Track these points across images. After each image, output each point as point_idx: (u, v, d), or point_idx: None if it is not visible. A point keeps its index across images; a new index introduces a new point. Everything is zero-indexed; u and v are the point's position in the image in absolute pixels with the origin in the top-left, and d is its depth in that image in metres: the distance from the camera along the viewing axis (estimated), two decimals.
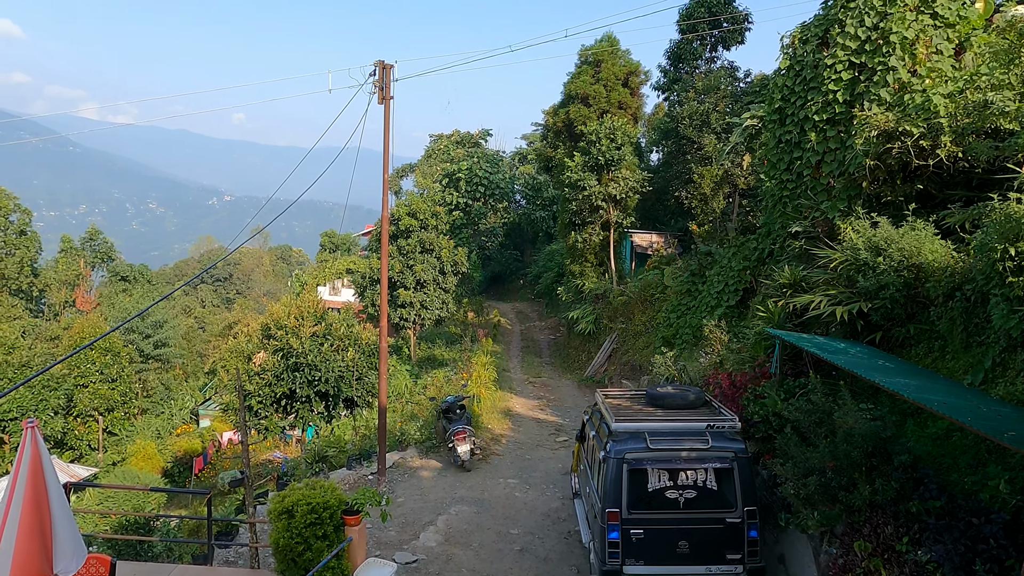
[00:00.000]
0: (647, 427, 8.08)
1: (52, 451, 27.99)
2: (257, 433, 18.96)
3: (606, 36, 30.93)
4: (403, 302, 28.23)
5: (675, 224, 32.27)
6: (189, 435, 32.37)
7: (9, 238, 45.28)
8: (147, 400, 38.14)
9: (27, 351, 30.49)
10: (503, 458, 15.05)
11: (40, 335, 40.60)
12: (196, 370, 48.57)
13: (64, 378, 29.45)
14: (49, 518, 5.85)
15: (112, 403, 31.72)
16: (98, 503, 20.06)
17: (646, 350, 21.84)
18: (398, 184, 59.44)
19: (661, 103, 39.95)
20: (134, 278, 54.63)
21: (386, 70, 12.95)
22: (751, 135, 20.57)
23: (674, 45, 31.87)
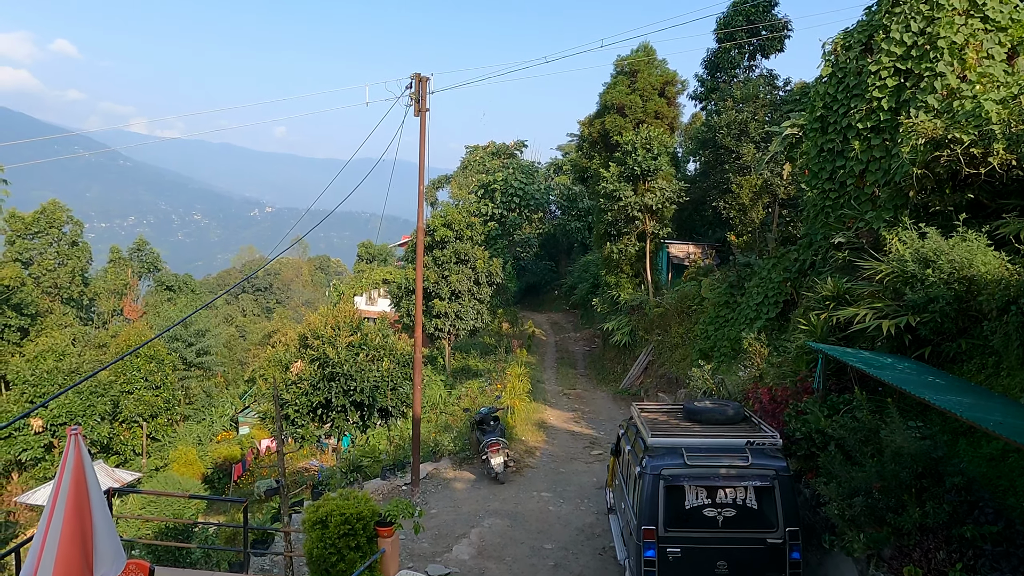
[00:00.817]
0: (684, 442, 7.90)
1: (98, 456, 28.86)
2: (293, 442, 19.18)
3: (642, 46, 30.74)
4: (438, 312, 28.35)
5: (712, 235, 31.78)
6: (229, 442, 32.94)
7: (62, 248, 46.97)
8: (189, 407, 39.02)
9: (76, 358, 31.49)
10: (537, 471, 14.91)
11: (89, 343, 41.95)
12: (236, 378, 49.56)
13: (111, 385, 30.32)
14: (90, 524, 5.95)
15: (156, 409, 32.54)
16: (140, 508, 20.51)
17: (683, 363, 21.48)
18: (434, 195, 59.96)
19: (698, 112, 39.56)
20: (179, 288, 56.11)
21: (422, 83, 13.07)
22: (791, 144, 20.16)
23: (711, 54, 31.53)
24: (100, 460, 26.94)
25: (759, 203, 25.86)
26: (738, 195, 26.15)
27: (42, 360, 29.38)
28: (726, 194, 27.69)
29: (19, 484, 28.79)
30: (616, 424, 19.77)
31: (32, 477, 28.65)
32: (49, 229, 46.10)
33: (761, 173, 24.28)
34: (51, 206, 47.16)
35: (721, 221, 29.59)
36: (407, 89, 13.09)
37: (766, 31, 29.57)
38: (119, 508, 19.79)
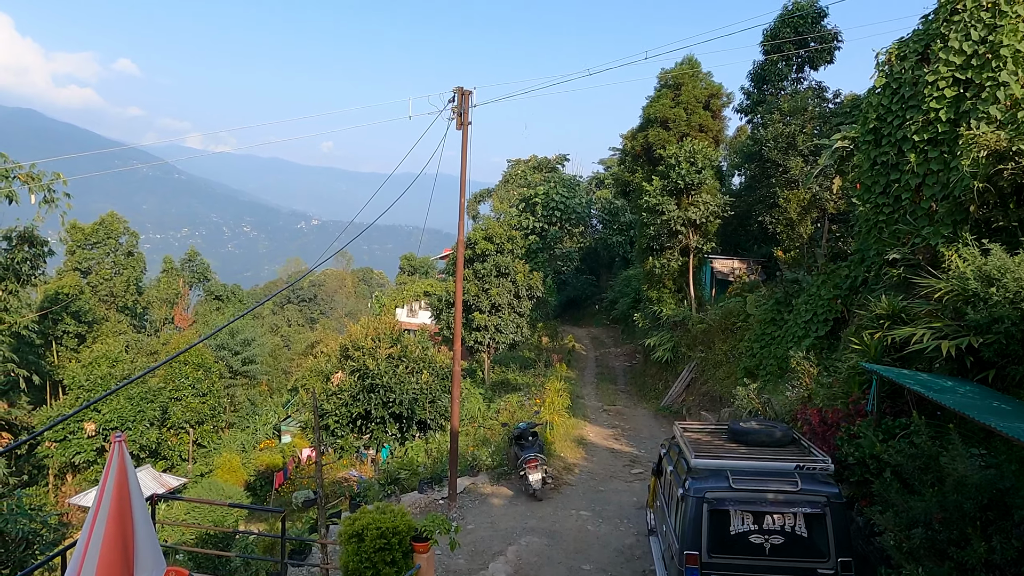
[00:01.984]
0: (730, 465, 7.61)
1: (146, 460, 29.64)
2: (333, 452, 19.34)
3: (687, 59, 30.44)
4: (478, 325, 28.35)
5: (758, 250, 31.09)
6: (271, 450, 33.49)
7: (119, 258, 48.80)
8: (234, 414, 39.87)
9: (129, 364, 32.51)
10: (575, 488, 14.66)
11: (141, 350, 43.35)
12: (280, 386, 50.47)
13: (160, 391, 31.17)
14: (132, 530, 6.03)
15: (202, 416, 33.33)
16: (184, 513, 20.94)
17: (727, 381, 20.95)
18: (475, 209, 60.32)
19: (743, 125, 38.91)
20: (227, 297, 57.61)
21: (464, 96, 13.12)
22: (842, 157, 19.58)
23: (758, 66, 31.01)
24: (148, 465, 27.68)
25: (807, 218, 25.15)
26: (785, 209, 25.49)
27: (96, 366, 30.40)
28: (772, 208, 27.05)
29: (72, 485, 29.76)
30: (657, 442, 19.34)
31: (84, 479, 29.58)
32: (107, 240, 47.98)
33: (810, 187, 23.64)
34: (109, 217, 49.12)
35: (767, 236, 28.92)
36: (450, 103, 13.15)
37: (815, 43, 28.95)
38: (164, 513, 20.23)
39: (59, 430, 28.94)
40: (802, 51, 29.52)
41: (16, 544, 8.48)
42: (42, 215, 26.44)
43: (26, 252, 27.24)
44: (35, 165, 25.43)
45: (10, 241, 26.83)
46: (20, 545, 8.52)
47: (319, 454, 9.19)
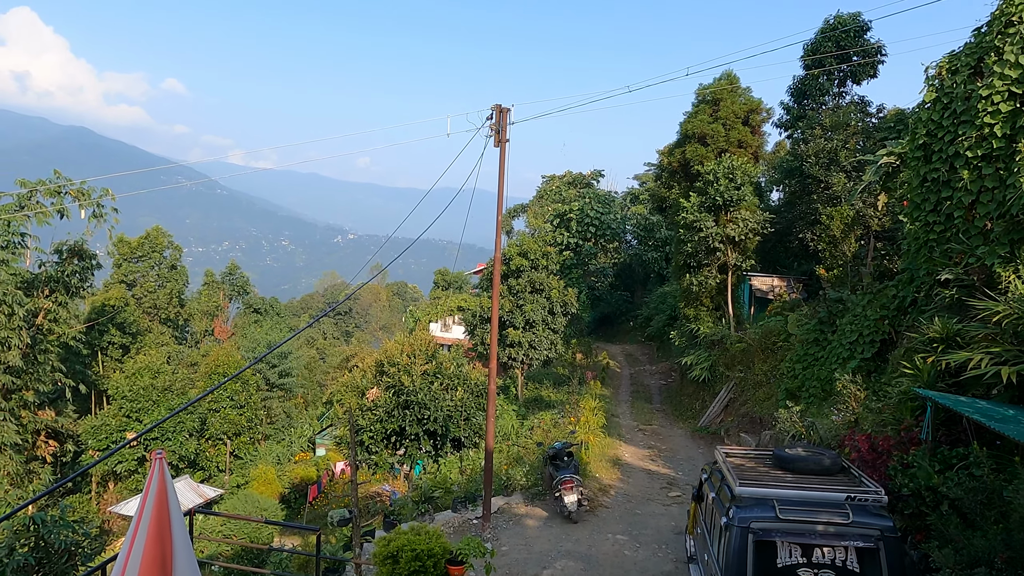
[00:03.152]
0: (776, 494, 7.31)
1: (185, 470, 30.10)
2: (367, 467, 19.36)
3: (725, 74, 30.12)
4: (512, 341, 28.24)
5: (798, 267, 30.40)
6: (306, 463, 33.76)
7: (162, 272, 50.12)
8: (270, 427, 40.37)
9: (170, 376, 33.22)
10: (611, 511, 14.36)
11: (182, 361, 44.30)
12: (316, 399, 51.01)
13: (199, 403, 31.72)
14: (171, 548, 6.03)
15: (239, 428, 33.81)
16: (221, 524, 21.16)
17: (767, 402, 20.41)
18: (510, 224, 60.46)
19: (783, 141, 38.30)
20: (265, 310, 58.66)
21: (503, 113, 13.12)
22: (887, 173, 19.07)
23: (798, 81, 30.54)
24: (187, 475, 28.10)
25: (851, 235, 24.52)
26: (827, 226, 24.89)
27: (139, 377, 31.11)
28: (814, 225, 26.47)
29: (114, 493, 30.41)
30: (695, 464, 18.91)
31: (126, 488, 30.19)
32: (152, 253, 49.35)
33: (853, 204, 23.07)
34: (154, 232, 50.56)
35: (808, 253, 28.28)
36: (488, 120, 13.17)
37: (858, 56, 28.40)
38: (202, 524, 20.46)
39: (102, 439, 29.64)
40: (844, 65, 28.98)
41: (59, 555, 8.61)
42: (91, 229, 27.40)
43: (75, 265, 28.19)
44: (85, 182, 26.35)
45: (61, 254, 27.80)
46: (62, 556, 8.65)
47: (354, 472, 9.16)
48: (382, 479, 24.55)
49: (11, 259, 24.13)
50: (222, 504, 26.21)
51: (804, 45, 29.56)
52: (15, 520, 8.63)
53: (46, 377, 26.38)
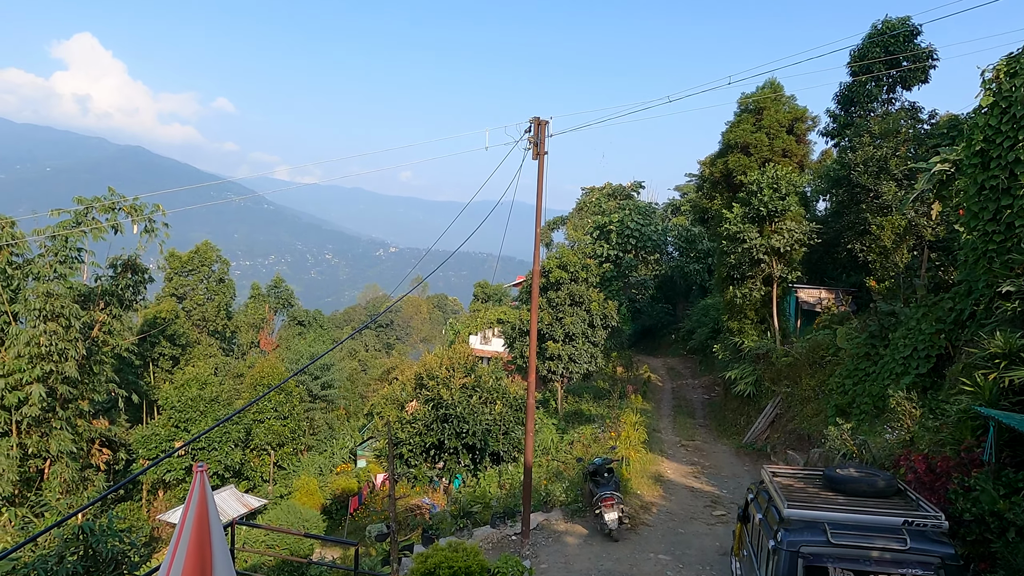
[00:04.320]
0: (827, 516, 6.99)
1: (230, 480, 30.66)
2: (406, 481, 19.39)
3: (768, 82, 29.51)
4: (551, 355, 28.04)
5: (847, 279, 29.47)
6: (347, 474, 34.05)
7: (211, 285, 51.55)
8: (313, 438, 40.90)
9: (217, 386, 33.99)
10: (653, 529, 14.02)
11: (229, 372, 45.35)
12: (357, 411, 51.57)
13: (244, 413, 32.35)
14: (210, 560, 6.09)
15: (283, 439, 34.34)
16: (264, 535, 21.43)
17: (815, 418, 19.75)
18: (549, 236, 60.35)
19: (829, 149, 37.32)
20: (309, 323, 59.70)
21: (541, 126, 13.08)
22: (941, 181, 18.31)
23: (845, 88, 29.75)
24: (231, 485, 28.62)
25: (903, 245, 23.68)
26: (878, 236, 24.10)
27: (187, 388, 31.91)
28: (863, 235, 25.65)
29: (164, 501, 31.16)
30: (739, 481, 18.38)
31: (174, 496, 30.92)
32: (201, 267, 50.82)
33: (905, 213, 22.28)
34: (204, 246, 52.10)
35: (857, 265, 27.40)
36: (526, 133, 13.15)
37: (907, 61, 27.53)
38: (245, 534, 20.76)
39: (151, 448, 30.45)
40: (893, 71, 28.11)
41: (106, 564, 8.79)
42: (143, 244, 28.32)
43: (129, 279, 29.16)
44: (138, 198, 27.29)
45: (115, 269, 28.79)
46: (110, 565, 8.82)
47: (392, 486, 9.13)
48: (421, 492, 24.59)
49: (69, 273, 25.06)
50: (266, 514, 26.60)
51: (851, 51, 28.82)
52: (65, 528, 8.85)
53: (100, 387, 27.25)
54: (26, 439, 23.08)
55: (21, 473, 22.60)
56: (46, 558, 8.43)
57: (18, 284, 23.67)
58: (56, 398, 23.64)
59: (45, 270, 24.27)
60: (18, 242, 23.77)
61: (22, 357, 22.13)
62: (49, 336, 22.26)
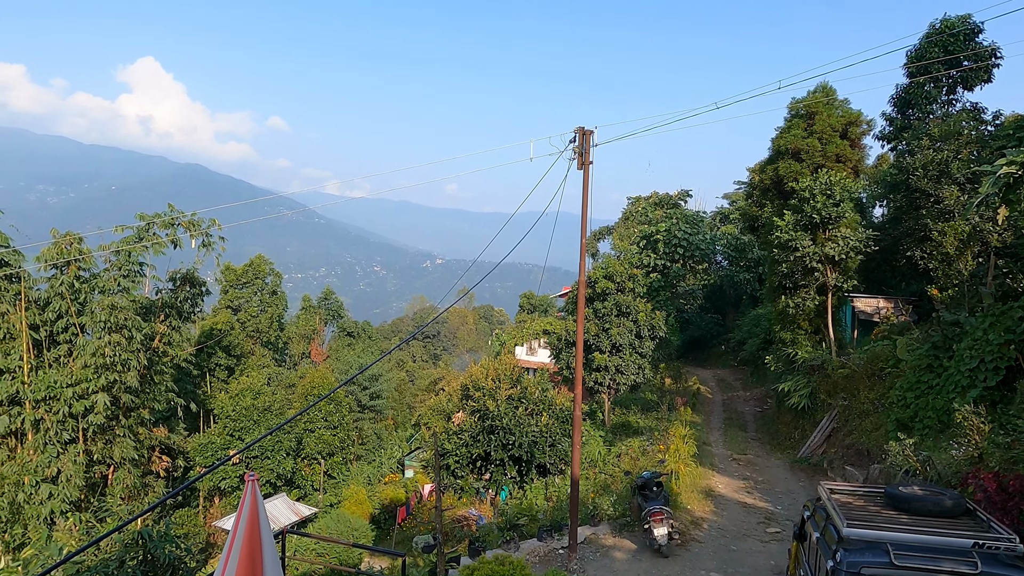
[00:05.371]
0: (890, 536, 6.68)
1: (282, 488, 31.29)
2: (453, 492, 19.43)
3: (820, 86, 28.73)
4: (598, 366, 27.78)
5: (906, 288, 28.35)
6: (395, 484, 34.36)
7: (264, 297, 53.02)
8: (362, 447, 41.48)
9: (270, 396, 34.84)
10: (704, 546, 13.66)
11: (281, 382, 46.44)
12: (405, 421, 52.07)
13: (295, 423, 33.04)
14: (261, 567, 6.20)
15: (333, 448, 34.92)
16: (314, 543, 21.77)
17: (875, 433, 18.99)
18: (595, 246, 60.03)
19: (885, 153, 36.12)
20: (358, 334, 60.74)
21: (586, 136, 13.03)
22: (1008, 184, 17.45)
23: (901, 90, 28.77)
24: (283, 493, 29.23)
25: (967, 252, 22.66)
26: (940, 243, 23.13)
27: (241, 398, 32.79)
28: (924, 242, 24.66)
29: (219, 508, 32.01)
30: (794, 497, 17.78)
31: (229, 503, 31.74)
32: (255, 280, 52.35)
33: (969, 218, 21.32)
34: (258, 259, 53.69)
35: (917, 272, 26.34)
36: (571, 143, 13.11)
37: (969, 61, 26.45)
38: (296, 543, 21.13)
39: (208, 456, 31.35)
40: (954, 71, 27.04)
41: (164, 569, 9.05)
42: (201, 258, 29.32)
43: (187, 292, 30.22)
44: (196, 214, 28.30)
45: (175, 282, 29.88)
46: (167, 570, 9.08)
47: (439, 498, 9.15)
48: (468, 503, 24.61)
49: (131, 287, 26.13)
50: (316, 523, 27.05)
51: (907, 52, 27.88)
52: (126, 534, 9.15)
53: (161, 396, 28.25)
54: (91, 446, 24.06)
55: (87, 478, 23.52)
56: (107, 562, 8.73)
57: (85, 297, 24.77)
58: (119, 407, 24.59)
59: (110, 284, 25.36)
60: (85, 257, 24.90)
61: (88, 367, 23.10)
62: (113, 347, 23.19)
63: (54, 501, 21.59)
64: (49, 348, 24.23)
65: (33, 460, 22.25)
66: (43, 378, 22.89)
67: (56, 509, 21.45)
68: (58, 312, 23.76)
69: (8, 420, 22.21)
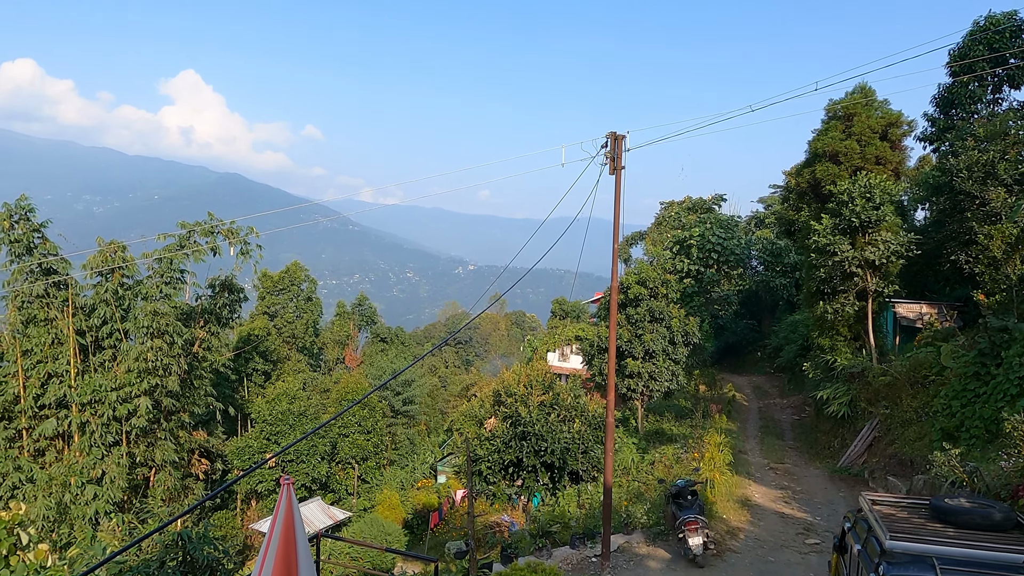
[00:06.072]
0: (936, 550, 6.45)
1: (317, 492, 31.65)
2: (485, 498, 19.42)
3: (858, 87, 28.11)
4: (631, 372, 27.53)
5: (951, 292, 27.49)
6: (428, 489, 34.53)
7: (299, 303, 53.88)
8: (395, 452, 41.78)
9: (305, 401, 35.35)
10: (740, 556, 13.40)
11: (316, 387, 47.10)
12: (437, 426, 52.33)
13: (329, 428, 33.44)
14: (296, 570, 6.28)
15: (366, 453, 35.24)
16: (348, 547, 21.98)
17: (918, 443, 18.41)
18: (627, 252, 59.63)
19: (927, 155, 35.17)
20: (391, 340, 61.30)
21: (618, 141, 12.96)
22: None
23: (944, 89, 28.01)
24: (318, 497, 29.58)
25: (1015, 256, 21.87)
26: (986, 247, 22.35)
27: (278, 402, 33.33)
28: (969, 246, 23.89)
29: (256, 510, 32.55)
30: (834, 508, 17.34)
31: (265, 506, 32.25)
32: (291, 286, 53.26)
33: (1017, 220, 20.60)
34: (294, 266, 54.62)
35: (962, 277, 25.51)
36: (602, 148, 13.06)
37: (1016, 59, 25.63)
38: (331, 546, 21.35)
39: (245, 459, 31.91)
40: (999, 69, 26.23)
41: (202, 570, 9.22)
42: (239, 265, 29.95)
43: (226, 298, 30.89)
44: (234, 222, 28.94)
45: (214, 288, 30.58)
46: (205, 572, 9.25)
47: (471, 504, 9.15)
48: (500, 509, 24.58)
49: (173, 293, 26.83)
50: (350, 527, 27.30)
51: (950, 51, 27.15)
52: (166, 535, 9.36)
53: (200, 400, 28.90)
54: (134, 448, 24.71)
55: (129, 480, 24.15)
56: (149, 562, 8.93)
57: (129, 303, 25.51)
58: (161, 410, 25.21)
59: (152, 290, 26.07)
60: (128, 265, 25.65)
61: (132, 371, 23.76)
62: (155, 352, 23.81)
63: (99, 502, 22.22)
64: (94, 353, 24.99)
65: (79, 462, 22.93)
66: (89, 382, 23.60)
67: (100, 510, 22.06)
68: (103, 318, 24.50)
69: (56, 423, 22.95)
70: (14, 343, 23.27)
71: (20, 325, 23.28)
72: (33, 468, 22.76)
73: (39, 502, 21.43)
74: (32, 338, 23.46)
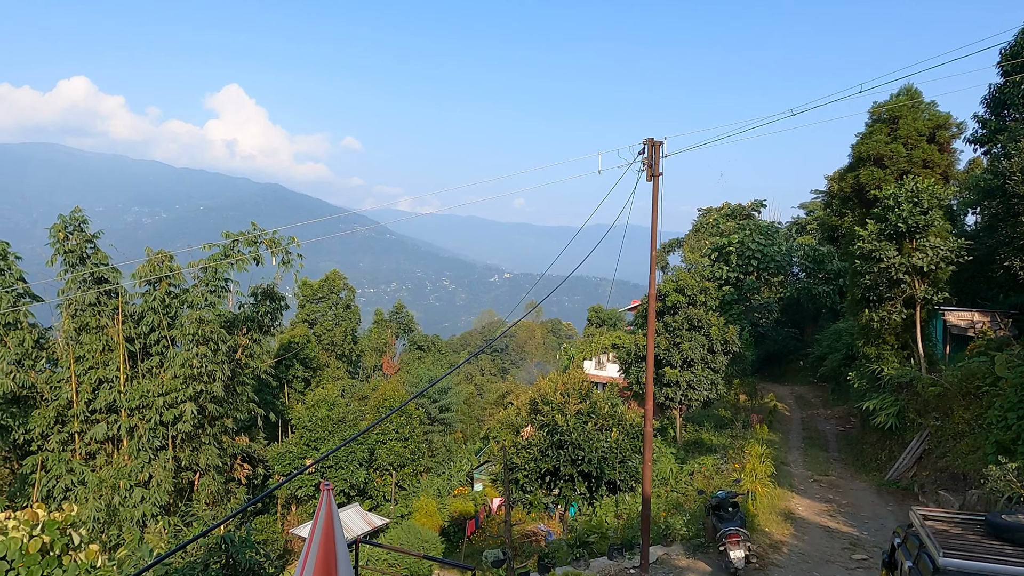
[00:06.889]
0: (992, 568, 6.20)
1: (355, 498, 31.98)
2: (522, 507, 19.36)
3: (904, 89, 27.37)
4: (669, 381, 27.18)
5: (1004, 300, 26.48)
6: (464, 497, 34.58)
7: (338, 311, 54.71)
8: (431, 459, 41.98)
9: (343, 408, 35.80)
10: (784, 571, 13.06)
11: (354, 394, 47.70)
12: (473, 434, 52.43)
13: (368, 435, 33.79)
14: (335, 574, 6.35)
15: (404, 460, 35.50)
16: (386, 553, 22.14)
17: (971, 456, 17.72)
18: (665, 259, 59.03)
19: (978, 158, 34.02)
20: (428, 347, 61.77)
21: (655, 147, 12.86)
22: None
23: (995, 89, 27.11)
24: (356, 503, 29.89)
25: None
26: None
27: (317, 409, 33.84)
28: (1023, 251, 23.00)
29: (296, 515, 33.05)
30: (883, 523, 16.78)
31: (305, 511, 32.72)
32: (330, 295, 54.14)
33: None
34: (333, 275, 55.54)
35: (1016, 283, 24.57)
36: (639, 155, 12.96)
37: None
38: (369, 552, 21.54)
39: (285, 464, 32.45)
40: None
41: (244, 574, 9.39)
42: (280, 274, 30.56)
43: (268, 306, 31.53)
44: (276, 231, 29.56)
45: (256, 297, 31.25)
46: (247, 575, 9.41)
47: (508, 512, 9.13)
48: (537, 518, 24.45)
49: (217, 301, 27.51)
50: (388, 533, 27.51)
51: (1001, 50, 26.28)
52: (210, 539, 9.56)
53: (243, 406, 29.51)
54: (180, 453, 25.34)
55: (175, 484, 24.77)
56: (194, 565, 9.14)
57: (175, 311, 26.23)
58: (205, 416, 25.82)
59: (198, 299, 26.77)
60: (175, 274, 26.40)
61: (177, 378, 24.41)
62: (200, 359, 24.42)
63: (146, 504, 22.83)
64: (143, 359, 25.76)
65: (128, 465, 23.62)
66: (137, 388, 24.32)
67: (148, 512, 22.66)
68: (151, 325, 25.24)
69: (106, 427, 23.69)
70: (68, 350, 24.14)
71: (73, 332, 24.14)
72: (84, 471, 23.52)
73: (90, 504, 22.11)
74: (84, 345, 24.30)
